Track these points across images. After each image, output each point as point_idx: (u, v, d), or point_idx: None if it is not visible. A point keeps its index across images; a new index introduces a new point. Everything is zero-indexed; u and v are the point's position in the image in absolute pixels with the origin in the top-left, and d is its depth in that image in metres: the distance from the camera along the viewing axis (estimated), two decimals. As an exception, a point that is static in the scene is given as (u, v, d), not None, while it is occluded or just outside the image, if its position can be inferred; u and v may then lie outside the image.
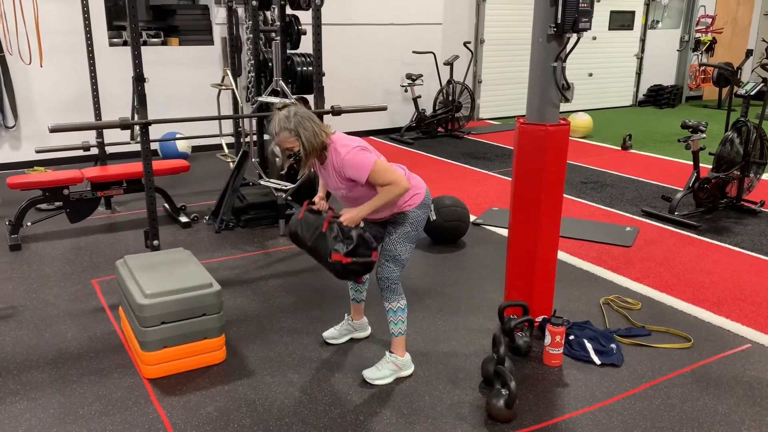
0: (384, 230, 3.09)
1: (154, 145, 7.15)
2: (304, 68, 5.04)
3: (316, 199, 3.15)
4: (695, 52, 12.37)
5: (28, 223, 4.86)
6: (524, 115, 3.45)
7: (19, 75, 6.61)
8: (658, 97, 11.90)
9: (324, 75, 4.74)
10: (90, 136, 5.78)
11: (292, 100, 4.56)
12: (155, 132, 6.61)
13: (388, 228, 3.05)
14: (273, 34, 5.44)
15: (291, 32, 5.14)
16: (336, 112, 4.43)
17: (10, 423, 2.74)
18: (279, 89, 4.70)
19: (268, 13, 5.63)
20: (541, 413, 2.86)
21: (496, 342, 3.03)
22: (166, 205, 5.40)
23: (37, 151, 5.00)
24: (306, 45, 5.28)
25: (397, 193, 2.81)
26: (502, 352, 2.96)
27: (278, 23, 4.96)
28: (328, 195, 3.26)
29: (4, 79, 6.50)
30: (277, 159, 5.02)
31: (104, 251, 4.65)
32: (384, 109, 4.66)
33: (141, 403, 2.90)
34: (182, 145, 7.16)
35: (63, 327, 3.56)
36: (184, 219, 5.21)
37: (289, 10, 5.06)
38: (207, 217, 5.30)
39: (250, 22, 5.23)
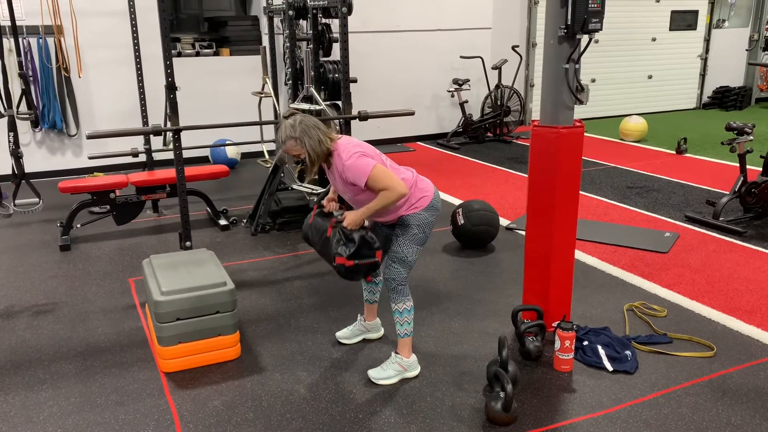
0: (392, 232, 3.13)
1: (205, 152, 7.46)
2: (336, 75, 5.14)
3: (325, 201, 3.24)
4: (766, 52, 11.78)
5: (78, 225, 5.16)
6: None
7: (81, 87, 7.02)
8: (725, 100, 11.41)
9: (356, 81, 4.83)
10: (139, 143, 6.08)
11: (323, 107, 4.68)
12: (207, 139, 6.91)
13: (395, 230, 3.09)
14: (307, 42, 5.58)
15: (323, 40, 5.25)
16: (362, 117, 4.50)
17: (34, 409, 2.93)
18: (310, 96, 4.82)
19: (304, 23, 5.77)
20: (542, 418, 2.83)
21: (500, 345, 3.02)
22: (209, 209, 5.62)
23: (90, 158, 5.29)
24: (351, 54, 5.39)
25: (394, 198, 2.85)
26: (505, 355, 2.95)
27: (310, 31, 5.09)
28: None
29: (66, 90, 6.93)
30: (286, 165, 5.13)
31: (146, 252, 4.89)
32: (411, 114, 4.70)
33: (154, 395, 3.04)
34: (232, 152, 7.42)
35: (96, 322, 3.77)
36: (223, 222, 5.40)
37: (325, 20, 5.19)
38: (245, 221, 5.48)
39: (288, 32, 5.38)
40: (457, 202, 5.85)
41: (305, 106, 4.82)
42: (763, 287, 4.10)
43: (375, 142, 8.28)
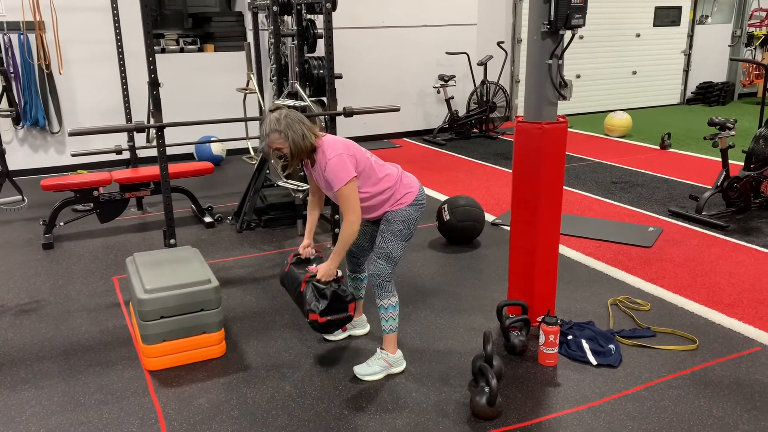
0: (377, 228, 3.14)
1: (190, 149, 7.41)
2: (321, 71, 5.12)
3: (300, 248, 3.26)
4: (748, 48, 11.91)
5: (61, 223, 5.12)
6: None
7: (64, 83, 6.95)
8: (708, 95, 11.50)
9: (341, 77, 4.82)
10: (123, 140, 6.03)
11: (308, 103, 4.67)
12: (191, 136, 6.86)
13: (381, 226, 3.09)
14: (292, 38, 5.56)
15: (308, 36, 5.24)
16: (348, 113, 4.49)
17: (16, 409, 2.91)
18: (295, 92, 4.81)
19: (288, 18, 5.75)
20: (527, 412, 2.85)
21: (485, 340, 3.03)
22: (194, 206, 5.59)
23: (73, 155, 5.25)
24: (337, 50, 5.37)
25: (351, 232, 2.91)
26: (490, 350, 2.96)
27: (295, 27, 5.06)
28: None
29: (49, 86, 6.85)
30: (271, 161, 5.12)
31: (130, 250, 4.85)
32: (397, 110, 4.69)
33: (139, 393, 3.03)
34: (217, 149, 7.38)
35: (79, 321, 3.74)
36: (207, 219, 5.38)
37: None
38: (230, 218, 5.45)
39: (272, 28, 5.35)
40: (442, 197, 5.87)
41: (290, 102, 4.81)
42: (744, 281, 4.15)
43: (361, 139, 8.29)
